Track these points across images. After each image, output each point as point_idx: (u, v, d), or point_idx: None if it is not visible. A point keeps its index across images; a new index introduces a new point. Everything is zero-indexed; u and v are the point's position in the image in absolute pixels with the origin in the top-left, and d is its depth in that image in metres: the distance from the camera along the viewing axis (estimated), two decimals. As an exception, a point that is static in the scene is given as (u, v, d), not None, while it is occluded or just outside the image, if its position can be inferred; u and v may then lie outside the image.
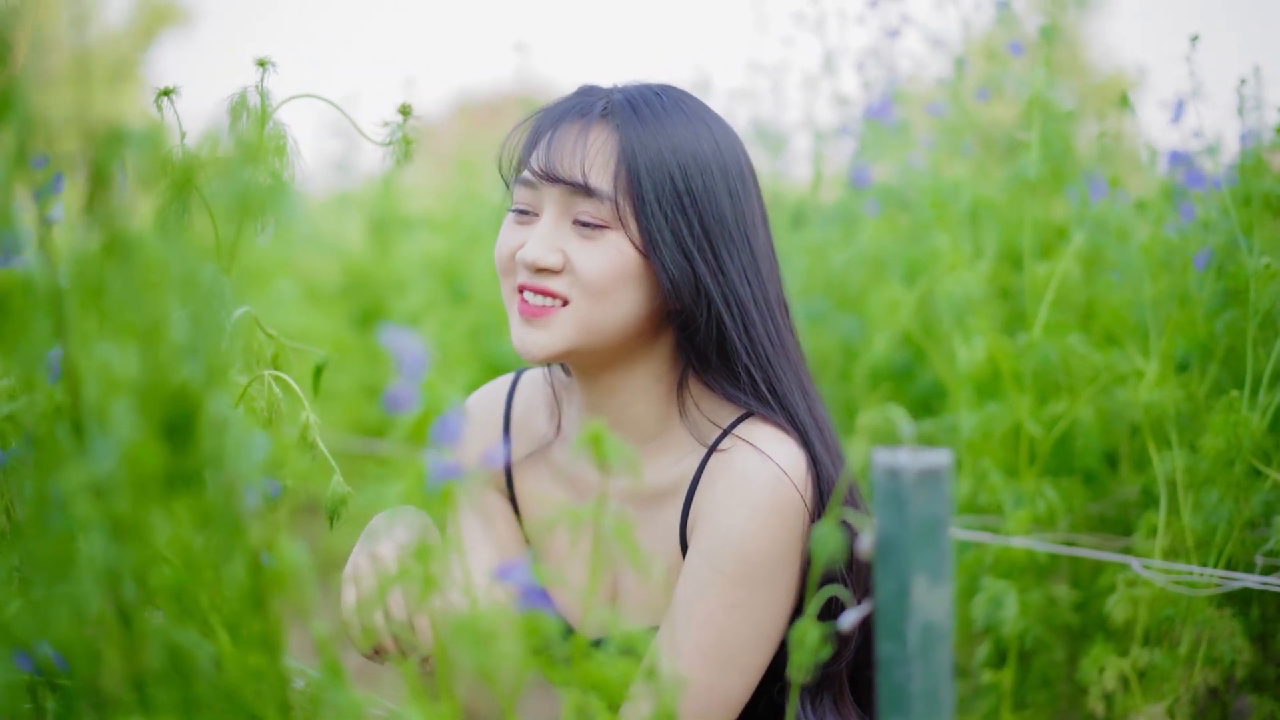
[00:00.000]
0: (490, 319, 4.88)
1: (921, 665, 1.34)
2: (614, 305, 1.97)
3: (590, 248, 1.96)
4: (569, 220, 1.97)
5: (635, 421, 2.08)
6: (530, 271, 1.97)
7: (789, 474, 1.94)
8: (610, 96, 2.03)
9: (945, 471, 1.34)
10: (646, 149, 1.97)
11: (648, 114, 2.00)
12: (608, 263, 1.95)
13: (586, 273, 1.95)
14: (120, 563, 1.07)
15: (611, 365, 2.05)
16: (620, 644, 1.41)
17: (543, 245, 1.96)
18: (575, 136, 1.98)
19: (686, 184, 1.97)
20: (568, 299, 1.97)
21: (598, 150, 1.97)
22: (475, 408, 2.28)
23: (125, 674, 1.11)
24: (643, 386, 2.07)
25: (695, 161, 1.99)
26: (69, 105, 1.05)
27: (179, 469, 1.08)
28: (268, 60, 2.08)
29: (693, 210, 1.97)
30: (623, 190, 1.95)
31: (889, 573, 1.34)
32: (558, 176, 1.96)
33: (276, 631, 1.19)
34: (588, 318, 1.97)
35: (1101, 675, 2.73)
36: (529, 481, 2.20)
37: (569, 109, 2.02)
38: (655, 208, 1.95)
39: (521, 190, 2.02)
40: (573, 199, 1.97)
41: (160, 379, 1.06)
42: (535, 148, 2.01)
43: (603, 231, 1.96)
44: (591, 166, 1.96)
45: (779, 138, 4.43)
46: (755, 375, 2.01)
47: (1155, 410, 2.77)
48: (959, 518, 3.09)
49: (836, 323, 3.82)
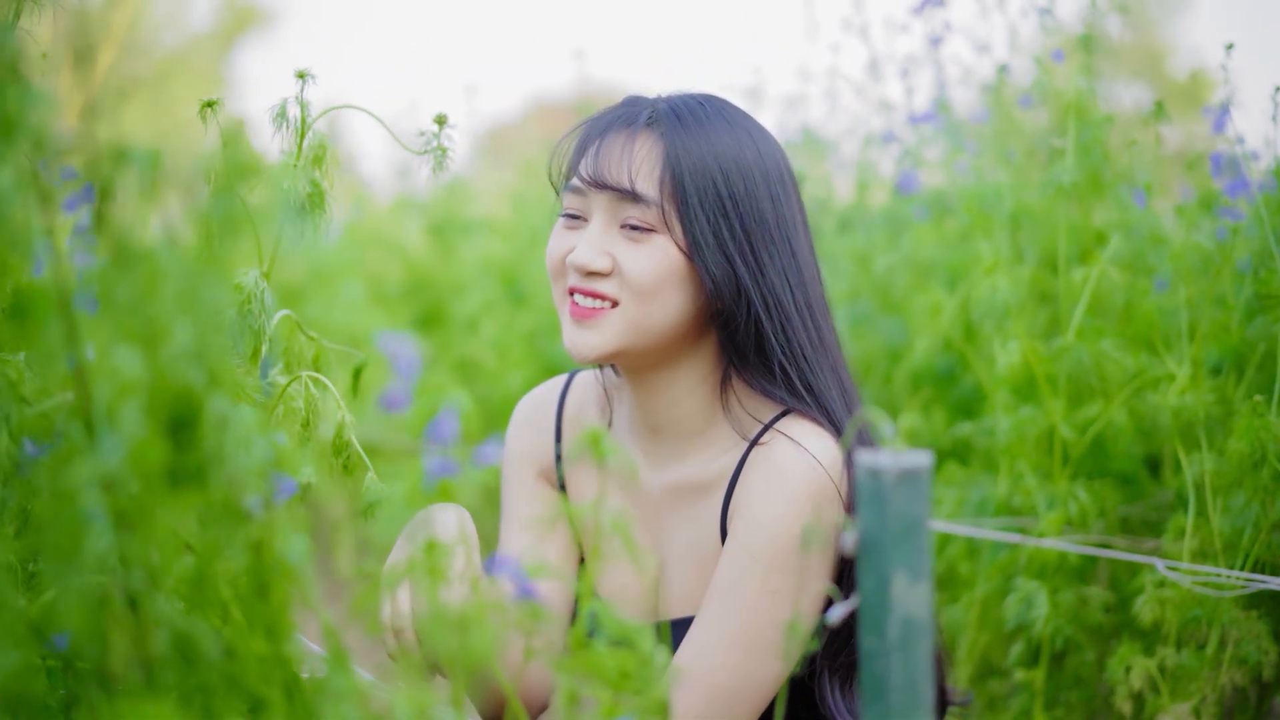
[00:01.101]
0: (547, 321, 4.95)
1: (901, 658, 1.39)
2: (661, 306, 2.05)
3: (638, 251, 2.04)
4: (616, 225, 2.05)
5: (681, 418, 2.15)
6: (580, 275, 2.06)
7: (825, 466, 2.01)
8: (655, 106, 2.11)
9: (925, 473, 1.39)
10: (690, 155, 2.04)
11: (691, 122, 2.08)
12: (654, 265, 2.03)
13: (634, 275, 2.03)
14: (126, 552, 1.15)
15: (658, 365, 2.12)
16: (615, 635, 1.48)
17: (592, 249, 2.05)
18: (622, 144, 2.06)
19: (729, 188, 2.05)
20: (617, 300, 2.05)
21: (643, 157, 2.05)
22: (529, 406, 2.36)
23: (132, 658, 1.19)
24: (688, 385, 2.14)
25: (737, 167, 2.07)
26: (85, 122, 1.13)
27: (181, 465, 1.16)
28: (307, 72, 2.17)
29: (734, 213, 2.05)
30: (668, 195, 2.03)
31: (870, 569, 1.39)
32: (606, 183, 2.04)
33: (280, 618, 1.27)
34: (636, 318, 2.05)
35: (1128, 675, 2.77)
36: (580, 476, 2.28)
37: (616, 118, 2.11)
38: (699, 211, 2.03)
39: (571, 197, 2.10)
40: (620, 204, 2.05)
41: (164, 381, 1.14)
42: (583, 156, 2.10)
43: (649, 235, 2.04)
44: (638, 173, 2.04)
45: (827, 144, 4.49)
46: (791, 373, 2.08)
47: (1184, 414, 2.81)
48: (992, 519, 3.14)
49: (881, 326, 3.88)
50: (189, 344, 1.15)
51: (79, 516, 1.13)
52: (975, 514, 3.18)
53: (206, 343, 1.17)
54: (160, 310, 1.14)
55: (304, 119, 2.11)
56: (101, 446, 1.14)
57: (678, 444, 2.17)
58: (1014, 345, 3.05)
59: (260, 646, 1.26)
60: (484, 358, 4.98)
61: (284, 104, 2.11)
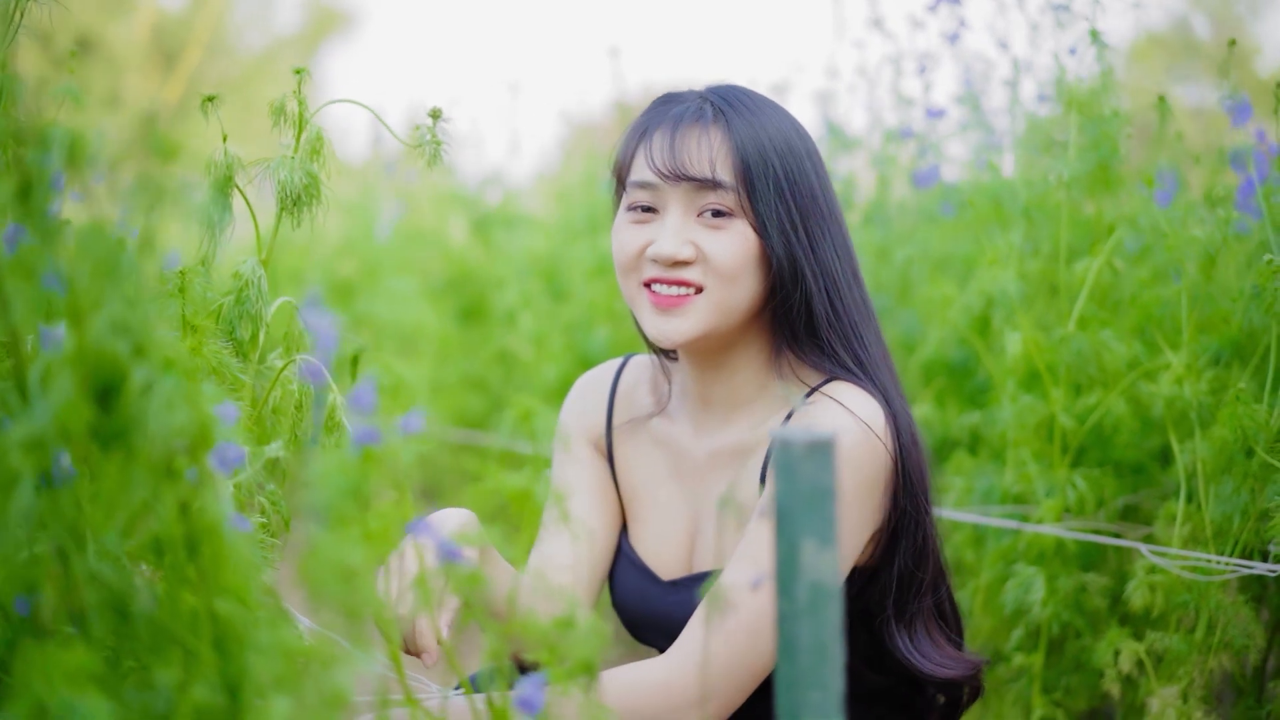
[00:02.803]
0: (584, 315, 5.04)
1: (810, 621, 1.46)
2: (742, 288, 2.19)
3: (721, 237, 2.17)
4: (694, 214, 2.19)
5: (736, 390, 2.30)
6: (664, 265, 2.19)
7: (871, 426, 2.14)
8: (708, 99, 2.25)
9: (831, 445, 1.45)
10: (754, 142, 2.19)
11: (745, 111, 2.22)
12: (736, 249, 2.17)
13: (720, 260, 2.17)
14: (51, 509, 1.24)
15: (728, 344, 2.27)
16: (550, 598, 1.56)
17: (677, 239, 2.18)
18: (698, 137, 2.19)
19: (785, 170, 2.19)
20: (702, 286, 2.18)
21: (719, 147, 2.18)
22: (586, 382, 2.53)
23: (64, 609, 1.29)
24: (746, 360, 2.28)
25: (789, 148, 2.22)
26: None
27: (107, 427, 1.25)
28: (304, 69, 2.27)
29: (790, 194, 2.19)
30: (740, 181, 2.17)
31: (782, 536, 1.46)
32: (688, 174, 2.17)
33: (212, 575, 1.36)
34: (723, 301, 2.19)
35: (1117, 658, 2.83)
36: (627, 446, 2.44)
37: (682, 113, 2.23)
38: (766, 194, 2.17)
39: (639, 192, 2.22)
40: (699, 194, 2.18)
41: (91, 351, 1.24)
42: (650, 151, 2.22)
43: (730, 220, 2.17)
44: (717, 162, 2.17)
45: (851, 139, 4.54)
46: (838, 344, 2.23)
47: (1178, 404, 2.86)
48: (998, 507, 3.19)
49: (899, 318, 3.94)
50: (116, 316, 1.25)
51: (10, 475, 1.22)
52: (981, 502, 3.23)
53: (133, 315, 1.26)
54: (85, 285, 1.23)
55: (301, 114, 2.21)
56: (31, 410, 1.23)
57: (728, 413, 2.31)
58: (1016, 336, 3.10)
59: (191, 601, 1.35)
60: (521, 350, 5.07)
61: (283, 100, 2.22)
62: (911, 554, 2.22)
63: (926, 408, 3.65)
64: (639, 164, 2.22)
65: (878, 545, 2.22)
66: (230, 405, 1.54)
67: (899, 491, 2.19)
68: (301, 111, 2.23)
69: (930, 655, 2.27)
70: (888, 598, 2.23)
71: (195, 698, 1.33)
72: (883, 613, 2.24)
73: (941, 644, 2.31)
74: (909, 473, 2.19)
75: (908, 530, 2.21)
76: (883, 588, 2.23)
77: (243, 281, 2.18)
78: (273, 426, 2.16)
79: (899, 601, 2.24)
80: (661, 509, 2.38)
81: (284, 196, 2.20)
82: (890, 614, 2.24)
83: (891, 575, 2.22)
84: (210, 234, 2.16)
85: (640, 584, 2.36)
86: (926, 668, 2.26)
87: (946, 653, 2.30)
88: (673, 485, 2.36)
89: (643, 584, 2.36)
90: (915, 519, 2.21)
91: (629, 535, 2.42)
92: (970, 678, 2.32)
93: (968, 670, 2.31)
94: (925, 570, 2.25)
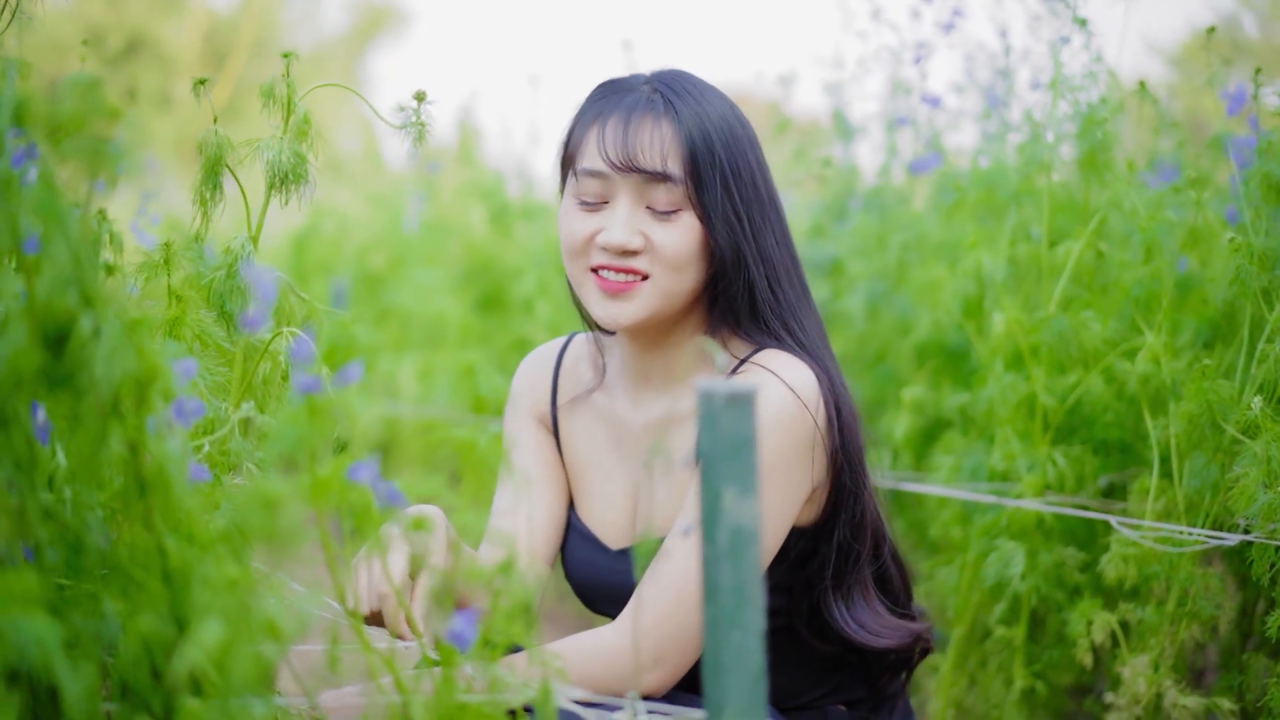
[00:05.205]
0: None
1: (730, 564, 1.54)
2: (687, 275, 2.25)
3: (669, 228, 2.23)
4: (643, 204, 2.24)
5: (674, 367, 2.37)
6: (612, 253, 2.25)
7: (796, 390, 2.20)
8: (654, 87, 2.29)
9: (751, 397, 1.53)
10: (702, 132, 2.24)
11: (691, 101, 2.27)
12: (684, 239, 2.23)
13: (668, 250, 2.23)
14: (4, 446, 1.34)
15: (669, 327, 2.34)
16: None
17: (626, 230, 2.24)
18: (650, 129, 2.24)
19: (730, 160, 2.25)
20: (648, 274, 2.25)
21: (669, 140, 2.23)
22: (532, 360, 2.60)
23: (16, 541, 1.39)
24: (684, 339, 2.35)
25: (732, 138, 2.27)
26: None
27: (55, 372, 1.35)
28: (292, 53, 2.37)
29: (734, 184, 2.25)
30: (689, 174, 2.23)
31: (706, 484, 1.54)
32: (639, 167, 2.22)
33: (160, 511, 1.45)
34: (668, 288, 2.25)
35: (1090, 629, 2.90)
36: (572, 421, 2.50)
37: (632, 104, 2.27)
38: (713, 186, 2.23)
39: (589, 181, 2.27)
40: (648, 185, 2.23)
41: (39, 301, 1.34)
42: (603, 141, 2.26)
43: (678, 213, 2.23)
44: (668, 155, 2.22)
45: (853, 128, 4.61)
46: (778, 326, 2.29)
47: (1151, 381, 2.93)
48: (976, 483, 3.26)
49: (895, 303, 4.01)
50: (65, 270, 1.35)
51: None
52: (969, 479, 3.30)
53: (80, 269, 1.36)
54: (45, 243, 1.34)
55: (290, 97, 2.30)
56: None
57: (665, 386, 2.38)
58: (999, 317, 3.17)
59: (140, 538, 1.45)
60: (538, 337, 5.15)
61: (271, 82, 2.31)
62: (849, 526, 2.29)
63: (920, 389, 3.73)
64: (590, 152, 2.27)
65: (820, 507, 2.29)
66: (190, 361, 1.64)
67: (839, 465, 2.26)
68: (290, 94, 2.31)
69: (867, 624, 2.33)
70: (826, 569, 2.30)
71: (143, 626, 1.43)
72: (822, 583, 2.31)
73: (880, 612, 2.37)
74: (846, 446, 2.26)
75: (845, 503, 2.28)
76: (821, 560, 2.30)
77: (232, 256, 2.27)
78: (261, 395, 2.26)
79: (837, 573, 2.31)
80: (605, 480, 2.44)
81: (272, 175, 2.29)
82: (828, 584, 2.31)
83: (831, 547, 2.29)
84: (202, 212, 2.26)
85: (590, 555, 2.43)
86: (862, 637, 2.32)
87: (885, 621, 2.36)
88: (614, 457, 2.43)
89: (592, 555, 2.43)
90: (854, 492, 2.28)
91: (576, 508, 2.49)
92: (908, 646, 2.39)
93: (906, 638, 2.37)
94: (862, 542, 2.31)
